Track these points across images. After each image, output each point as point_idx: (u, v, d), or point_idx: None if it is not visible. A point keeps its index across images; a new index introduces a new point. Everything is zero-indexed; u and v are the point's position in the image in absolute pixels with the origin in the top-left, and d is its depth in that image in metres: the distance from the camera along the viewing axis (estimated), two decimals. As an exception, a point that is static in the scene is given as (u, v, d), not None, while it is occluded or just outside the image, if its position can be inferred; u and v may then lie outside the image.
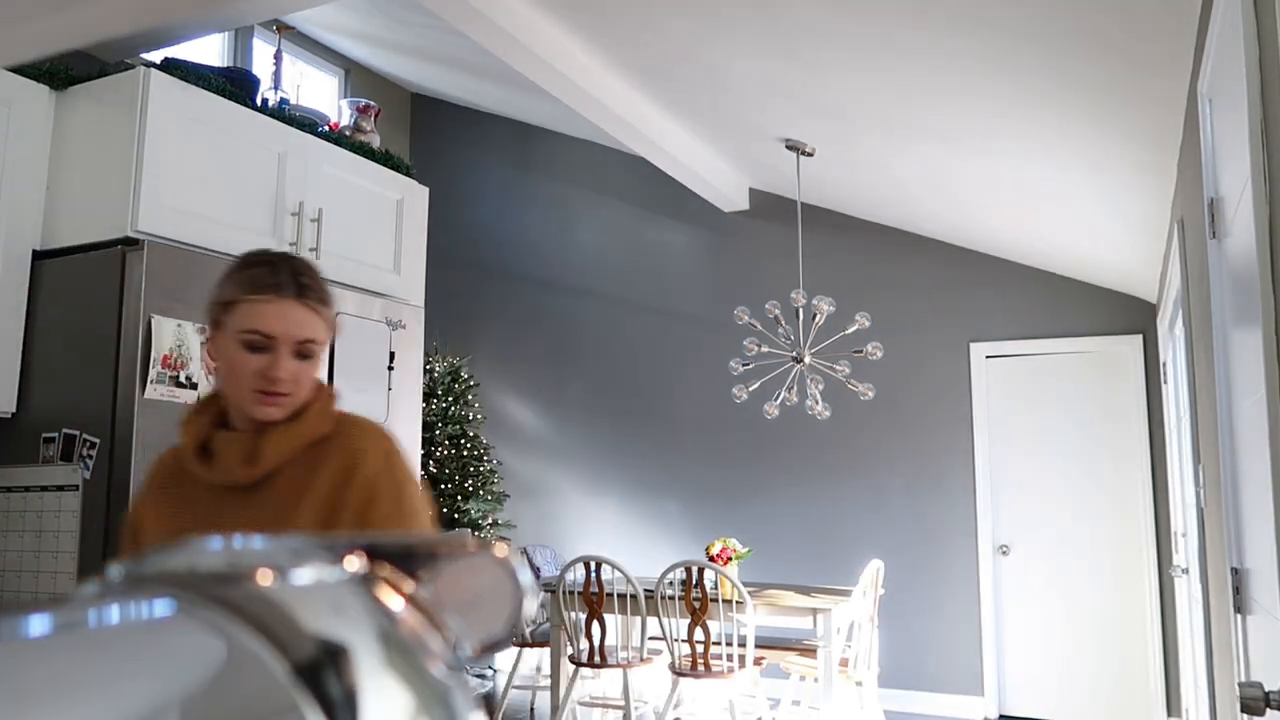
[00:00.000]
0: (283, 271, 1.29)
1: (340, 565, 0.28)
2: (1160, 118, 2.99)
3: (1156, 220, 3.95)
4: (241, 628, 0.22)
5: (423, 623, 0.27)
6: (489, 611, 0.36)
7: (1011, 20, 2.74)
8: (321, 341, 1.31)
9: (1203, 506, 2.84)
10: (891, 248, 5.73)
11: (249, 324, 1.26)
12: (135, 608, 0.22)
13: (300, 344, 1.28)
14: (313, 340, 1.30)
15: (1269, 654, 1.61)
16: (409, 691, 0.24)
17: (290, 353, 1.28)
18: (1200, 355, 2.63)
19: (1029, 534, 5.39)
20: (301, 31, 5.40)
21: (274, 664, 0.22)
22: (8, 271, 2.51)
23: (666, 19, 3.45)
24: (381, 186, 3.29)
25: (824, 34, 3.23)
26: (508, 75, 4.72)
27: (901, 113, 3.79)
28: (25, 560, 2.42)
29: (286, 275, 1.28)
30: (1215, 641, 2.73)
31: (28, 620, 0.20)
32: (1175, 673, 4.99)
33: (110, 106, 2.57)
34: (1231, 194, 1.78)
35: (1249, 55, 1.46)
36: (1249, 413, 1.66)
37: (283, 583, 0.25)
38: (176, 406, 2.42)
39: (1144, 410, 5.22)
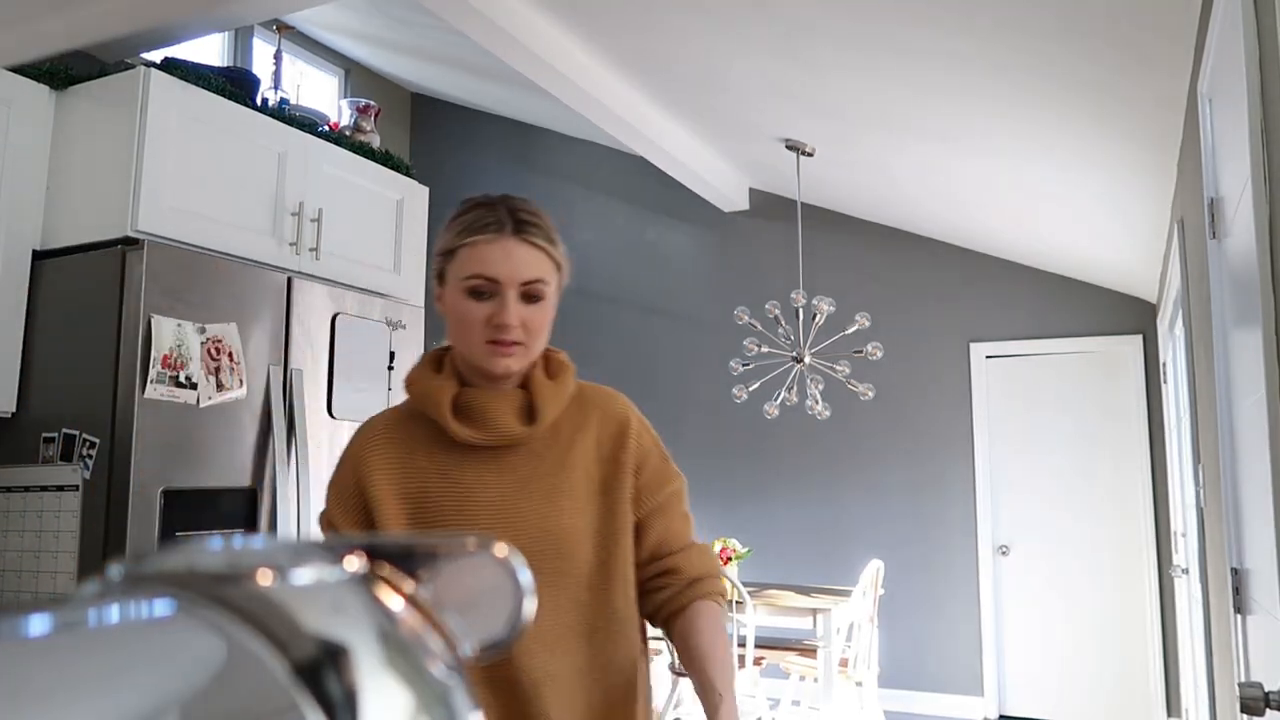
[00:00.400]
0: (500, 210, 1.21)
1: (340, 565, 0.28)
2: (1160, 118, 2.99)
3: (1156, 220, 3.95)
4: (241, 627, 0.22)
5: (423, 623, 0.27)
6: (489, 611, 0.35)
7: (1012, 20, 2.74)
8: (549, 281, 1.21)
9: (1203, 506, 2.84)
10: (891, 248, 5.73)
11: (470, 269, 1.18)
12: (135, 607, 0.22)
13: (527, 285, 1.19)
14: (539, 280, 1.20)
15: (1269, 654, 1.61)
16: (409, 691, 0.24)
17: (517, 296, 1.19)
18: (1200, 355, 2.63)
19: (1029, 534, 5.39)
20: (301, 31, 5.40)
21: (274, 664, 0.22)
22: (8, 271, 2.51)
23: (666, 18, 3.45)
24: (381, 186, 3.29)
25: (824, 33, 3.23)
26: (508, 75, 4.71)
27: (901, 112, 3.79)
28: (25, 560, 2.42)
29: (504, 213, 1.20)
30: (1215, 641, 2.73)
31: (27, 620, 0.20)
32: (1175, 673, 4.99)
33: (110, 106, 2.57)
34: (1231, 194, 1.78)
35: (1249, 55, 1.46)
36: (1249, 413, 1.66)
37: (283, 582, 0.25)
38: (176, 406, 2.42)
39: (1144, 410, 5.22)
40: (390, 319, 3.14)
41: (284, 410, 2.70)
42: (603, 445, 1.26)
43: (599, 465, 1.25)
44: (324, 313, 2.88)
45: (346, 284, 3.07)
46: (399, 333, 3.17)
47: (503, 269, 1.18)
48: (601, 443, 1.26)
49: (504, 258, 1.18)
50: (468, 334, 1.20)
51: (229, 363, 2.55)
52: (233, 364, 2.56)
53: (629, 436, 1.28)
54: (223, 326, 2.55)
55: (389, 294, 3.25)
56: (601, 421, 1.28)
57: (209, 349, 2.51)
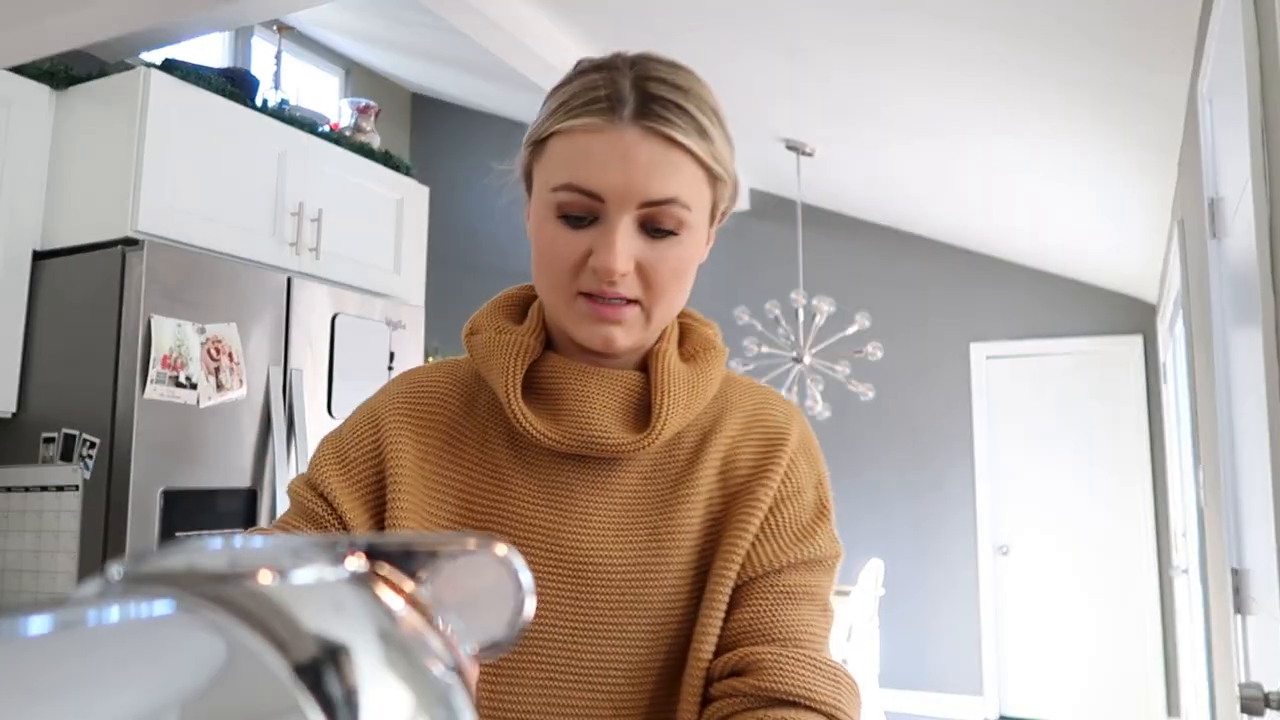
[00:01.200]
0: (621, 75, 0.73)
1: (341, 565, 0.28)
2: (1160, 118, 2.99)
3: (1156, 220, 3.95)
4: (241, 627, 0.22)
5: (423, 622, 0.27)
6: (490, 611, 0.35)
7: (1012, 20, 2.74)
8: (694, 203, 0.74)
9: (1203, 506, 2.84)
10: (891, 248, 5.73)
11: (560, 173, 0.73)
12: (135, 607, 0.22)
13: (652, 208, 0.72)
14: (673, 200, 0.72)
15: (1269, 654, 1.61)
16: (409, 691, 0.24)
17: (634, 224, 0.72)
18: (1200, 355, 2.63)
19: (1029, 534, 5.39)
20: (301, 31, 5.40)
21: (274, 664, 0.22)
22: (8, 271, 2.51)
23: (666, 18, 3.45)
24: (381, 186, 3.29)
25: (824, 34, 3.23)
26: (508, 75, 4.71)
27: (902, 113, 3.79)
28: (25, 560, 2.42)
29: (627, 82, 0.72)
30: (1215, 641, 2.73)
31: (27, 620, 0.20)
32: (1175, 673, 4.99)
33: (110, 106, 2.57)
34: (1231, 194, 1.78)
35: (1249, 55, 1.46)
36: (1249, 413, 1.66)
37: (283, 582, 0.25)
38: (176, 407, 2.42)
39: (1144, 410, 5.22)
40: (390, 319, 3.14)
41: (284, 410, 2.70)
42: (738, 466, 0.81)
43: (724, 498, 0.80)
44: (324, 313, 2.88)
45: (346, 284, 3.07)
46: (399, 333, 3.17)
47: (611, 178, 0.71)
48: (737, 461, 0.81)
49: (615, 159, 0.71)
50: (551, 278, 0.76)
51: (229, 363, 2.55)
52: (233, 364, 2.56)
53: (780, 457, 0.82)
54: (223, 327, 2.55)
55: (389, 294, 3.25)
56: (745, 430, 0.83)
57: (209, 349, 2.51)
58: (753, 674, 0.73)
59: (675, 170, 0.72)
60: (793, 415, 0.87)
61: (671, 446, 0.81)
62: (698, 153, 0.72)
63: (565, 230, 0.73)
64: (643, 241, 0.73)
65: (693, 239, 0.75)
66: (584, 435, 0.76)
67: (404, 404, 0.83)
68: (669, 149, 0.71)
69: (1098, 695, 5.16)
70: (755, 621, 0.75)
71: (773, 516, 0.79)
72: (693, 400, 0.80)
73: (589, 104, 0.72)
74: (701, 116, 0.73)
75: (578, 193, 0.72)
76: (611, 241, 0.71)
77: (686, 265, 0.76)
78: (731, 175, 0.78)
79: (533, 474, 0.79)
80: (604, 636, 0.75)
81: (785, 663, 0.73)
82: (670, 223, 0.73)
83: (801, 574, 0.79)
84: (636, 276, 0.74)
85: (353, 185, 3.16)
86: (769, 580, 0.77)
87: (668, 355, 0.81)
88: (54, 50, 2.63)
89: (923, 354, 5.63)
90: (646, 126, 0.71)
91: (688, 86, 0.74)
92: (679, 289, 0.77)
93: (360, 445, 0.81)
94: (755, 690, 0.72)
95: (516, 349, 0.79)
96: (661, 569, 0.76)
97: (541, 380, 0.80)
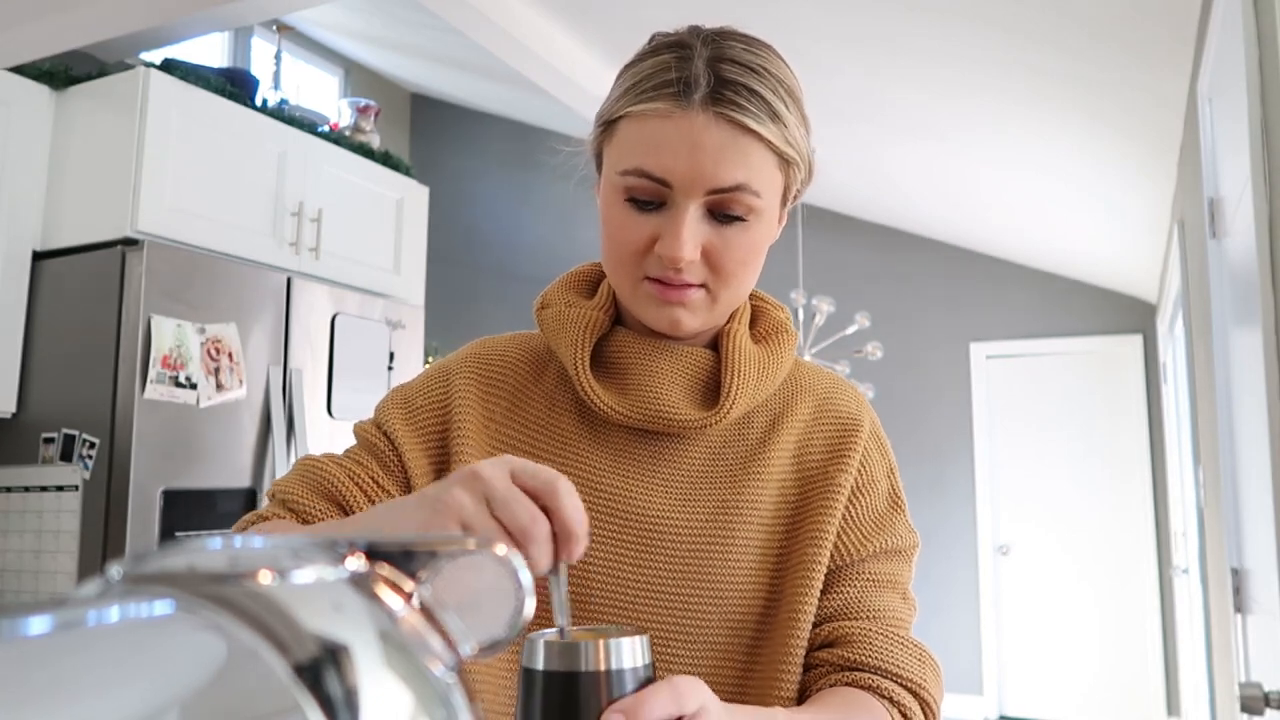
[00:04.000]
0: (694, 56, 0.71)
1: (340, 565, 0.28)
2: (1160, 118, 2.99)
3: (1156, 220, 3.95)
4: (242, 627, 0.22)
5: (423, 623, 0.27)
6: (489, 611, 0.35)
7: (1012, 20, 2.74)
8: (764, 189, 0.72)
9: (1203, 506, 2.84)
10: (891, 248, 5.73)
11: (630, 158, 0.72)
12: (135, 607, 0.22)
13: (721, 195, 0.71)
14: (743, 187, 0.71)
15: (1269, 654, 1.61)
16: (409, 691, 0.24)
17: (701, 211, 0.72)
18: (1200, 355, 2.63)
19: (1029, 534, 5.39)
20: (301, 31, 5.40)
21: (274, 663, 0.22)
22: (8, 271, 2.51)
23: (666, 18, 3.45)
24: (381, 186, 3.29)
25: (824, 33, 3.23)
26: (508, 75, 4.71)
27: (902, 113, 3.79)
28: (25, 560, 2.42)
29: (700, 64, 0.70)
30: (1215, 641, 2.73)
31: (27, 620, 0.20)
32: (1175, 673, 4.99)
33: (110, 106, 2.57)
34: (1231, 194, 1.78)
35: (1249, 55, 1.46)
36: (1249, 413, 1.66)
37: (283, 582, 0.25)
38: (176, 406, 2.42)
39: (1144, 410, 5.22)
40: (390, 319, 3.14)
41: (284, 410, 2.70)
42: (811, 451, 0.82)
43: (798, 481, 0.81)
44: (324, 313, 2.88)
45: (346, 284, 3.07)
46: (399, 333, 3.17)
47: (679, 165, 0.70)
48: (810, 447, 0.82)
49: (684, 145, 0.70)
50: (617, 261, 0.76)
51: (229, 363, 2.55)
52: (232, 364, 2.56)
53: (854, 446, 0.82)
54: (222, 327, 2.55)
55: (389, 294, 3.25)
56: (817, 416, 0.83)
57: (209, 349, 2.51)
58: (841, 646, 0.75)
59: (745, 157, 0.70)
60: (863, 404, 0.87)
61: (741, 426, 0.81)
62: (769, 138, 0.71)
63: (633, 214, 0.73)
64: (710, 227, 0.73)
65: (761, 224, 0.74)
66: (651, 410, 0.77)
67: (475, 364, 0.84)
68: (739, 135, 0.70)
69: (1098, 695, 5.16)
70: (844, 608, 0.77)
71: (851, 506, 0.80)
72: (763, 381, 0.81)
73: (660, 86, 0.71)
74: (775, 99, 0.71)
75: (646, 178, 0.71)
76: (678, 230, 0.71)
77: (755, 250, 0.75)
78: (805, 157, 0.77)
79: (600, 442, 0.79)
80: (665, 606, 0.75)
81: (874, 637, 0.75)
82: (739, 209, 0.72)
83: (883, 563, 0.80)
84: (703, 262, 0.73)
85: (352, 185, 3.16)
86: (853, 569, 0.79)
87: (739, 335, 0.81)
88: (54, 50, 2.63)
89: (922, 353, 5.63)
90: (717, 112, 0.69)
91: (762, 67, 0.72)
92: (747, 273, 0.76)
93: (429, 396, 0.82)
94: (843, 661, 0.74)
95: (586, 323, 0.80)
96: (728, 542, 0.77)
97: (610, 355, 0.80)
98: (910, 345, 5.64)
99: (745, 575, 0.77)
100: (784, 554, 0.78)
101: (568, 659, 0.52)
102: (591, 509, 0.74)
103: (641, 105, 0.71)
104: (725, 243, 0.73)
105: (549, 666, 0.52)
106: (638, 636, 0.53)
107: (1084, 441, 5.33)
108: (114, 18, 2.63)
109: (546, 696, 0.52)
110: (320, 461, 0.80)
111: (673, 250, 0.71)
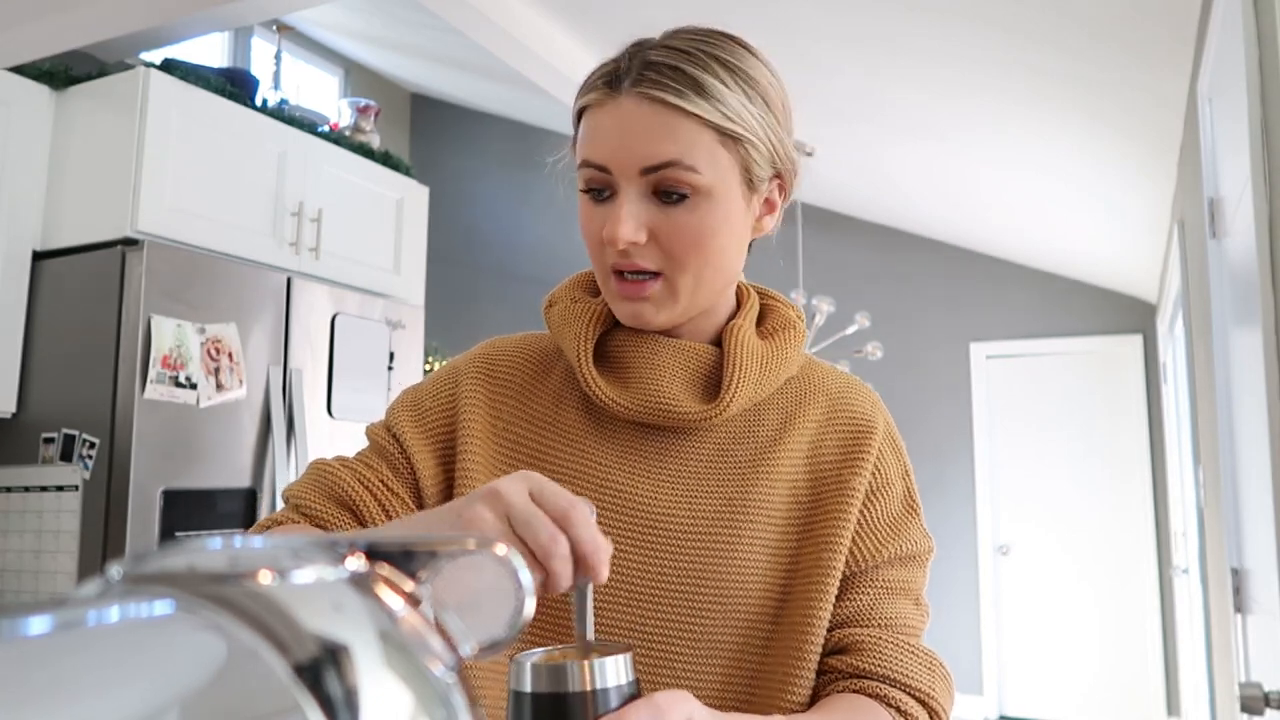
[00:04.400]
0: (633, 56, 0.74)
1: (340, 565, 0.28)
2: (1160, 118, 2.99)
3: (1156, 220, 3.95)
4: (242, 627, 0.22)
5: (423, 623, 0.27)
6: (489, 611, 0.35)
7: (1012, 19, 2.74)
8: (702, 164, 0.71)
9: (1203, 506, 2.84)
10: (891, 248, 5.73)
11: (581, 152, 0.75)
12: (135, 607, 0.22)
13: (654, 173, 0.71)
14: (675, 162, 0.71)
15: (1269, 654, 1.61)
16: (409, 691, 0.24)
17: (640, 191, 0.72)
18: (1200, 355, 2.63)
19: (1029, 534, 5.39)
20: (301, 31, 5.40)
21: (274, 663, 0.22)
22: (8, 271, 2.51)
23: (666, 19, 3.45)
24: (381, 186, 3.29)
25: (824, 34, 3.23)
26: (508, 75, 4.71)
27: (902, 113, 3.79)
28: (25, 560, 2.42)
29: (634, 59, 0.73)
30: (1215, 641, 2.73)
31: (27, 620, 0.20)
32: (1175, 673, 4.99)
33: (110, 106, 2.57)
34: (1231, 194, 1.78)
35: (1249, 55, 1.46)
36: (1249, 413, 1.66)
37: (283, 582, 0.25)
38: (176, 406, 2.42)
39: (1144, 410, 5.22)
40: (390, 319, 3.14)
41: (284, 410, 2.70)
42: (824, 452, 0.81)
43: (810, 483, 0.80)
44: (324, 313, 2.88)
45: (346, 284, 3.07)
46: (399, 333, 3.17)
47: (611, 148, 0.72)
48: (824, 448, 0.81)
49: (614, 129, 0.72)
50: (592, 257, 0.78)
51: (229, 363, 2.55)
52: (232, 364, 2.56)
53: (869, 449, 0.81)
54: (222, 327, 2.55)
55: (389, 294, 3.25)
56: (830, 416, 0.82)
57: (209, 349, 2.51)
58: (851, 653, 0.75)
59: (672, 132, 0.71)
60: (878, 405, 0.86)
61: (751, 423, 0.81)
62: (696, 112, 0.71)
63: (591, 205, 0.76)
64: (656, 209, 0.73)
65: (713, 204, 0.73)
66: (652, 403, 0.77)
67: (483, 363, 0.85)
68: (664, 111, 0.71)
69: (1098, 695, 5.16)
70: (856, 614, 0.77)
71: (866, 510, 0.79)
72: (765, 376, 0.80)
73: (597, 80, 0.74)
74: (705, 75, 0.72)
75: (590, 167, 0.73)
76: (615, 211, 0.72)
77: (708, 231, 0.74)
78: (760, 135, 0.76)
79: (605, 437, 0.80)
80: (671, 604, 0.75)
81: (884, 645, 0.75)
82: (680, 186, 0.72)
83: (897, 569, 0.80)
84: (655, 246, 0.74)
85: (352, 185, 3.16)
86: (867, 576, 0.78)
87: (742, 330, 0.81)
88: (54, 50, 2.63)
89: (922, 353, 5.63)
90: (640, 93, 0.71)
91: (694, 49, 0.73)
92: (703, 257, 0.74)
93: (437, 398, 0.83)
94: (853, 669, 0.74)
95: (589, 316, 0.81)
96: (734, 539, 0.76)
97: (613, 350, 0.81)
98: (910, 345, 5.64)
99: (754, 575, 0.76)
100: (796, 556, 0.78)
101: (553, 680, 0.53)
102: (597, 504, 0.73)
103: (584, 99, 0.75)
104: (672, 224, 0.73)
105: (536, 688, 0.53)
106: (621, 655, 0.54)
107: (1084, 441, 5.33)
108: (114, 18, 2.63)
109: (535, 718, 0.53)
110: (331, 465, 0.81)
111: (611, 230, 0.72)
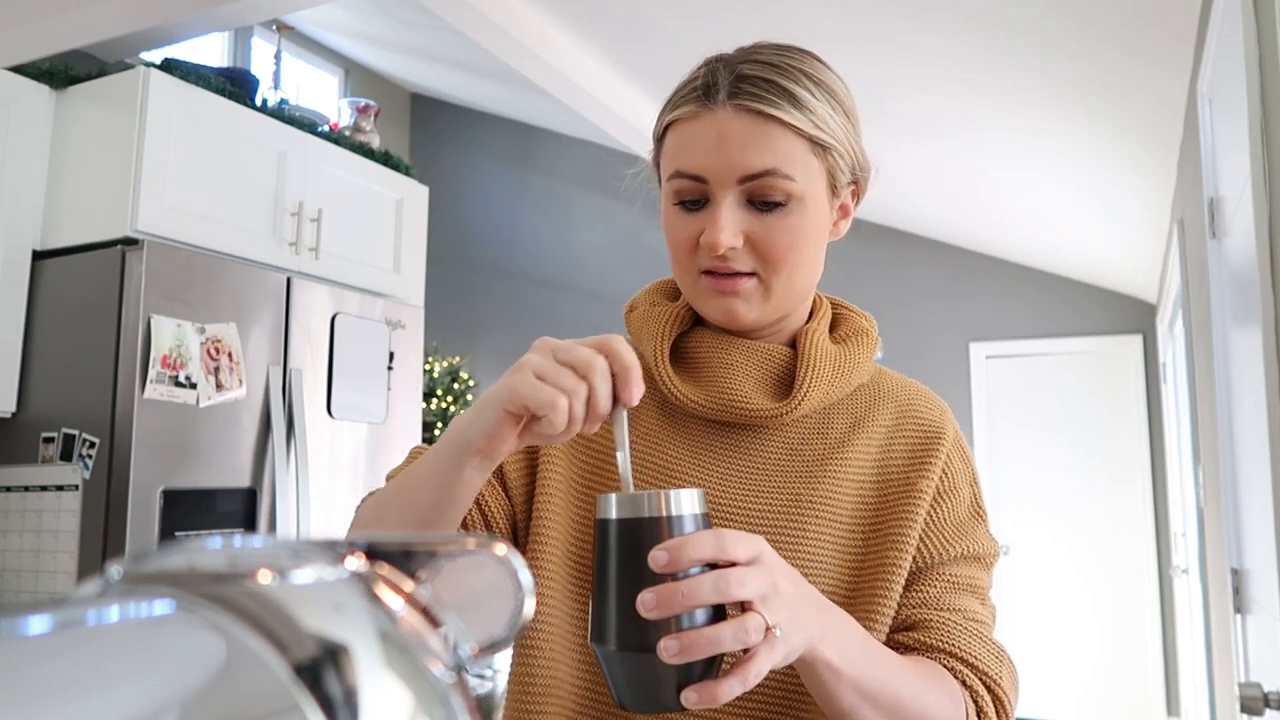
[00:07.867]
0: (717, 65, 0.77)
1: (340, 565, 0.28)
2: (1160, 118, 2.99)
3: (1156, 220, 3.95)
4: (241, 627, 0.22)
5: (423, 622, 0.27)
6: (489, 611, 0.35)
7: (1011, 20, 2.74)
8: (798, 174, 0.75)
9: (1203, 506, 2.84)
10: (891, 247, 5.73)
11: (672, 164, 0.78)
12: (135, 607, 0.22)
13: (752, 181, 0.74)
14: (772, 172, 0.74)
15: (1269, 654, 1.61)
16: (409, 691, 0.24)
17: (738, 200, 0.75)
18: (1200, 355, 2.63)
19: (1029, 534, 5.39)
20: (301, 31, 5.40)
21: (274, 663, 0.22)
22: (8, 271, 2.51)
23: (666, 19, 3.45)
24: (381, 186, 3.29)
25: (823, 34, 3.23)
26: (508, 75, 4.72)
27: (900, 112, 3.79)
28: (25, 560, 2.42)
29: (721, 69, 0.76)
30: (1215, 641, 2.73)
31: (27, 620, 0.20)
32: (1175, 673, 4.99)
33: (110, 106, 2.57)
34: (1231, 194, 1.78)
35: (1249, 55, 1.46)
36: (1249, 413, 1.66)
37: (283, 582, 0.25)
38: (176, 406, 2.42)
39: (1144, 410, 5.22)
40: (390, 319, 3.14)
41: (284, 410, 2.70)
42: (892, 456, 0.83)
43: (878, 484, 0.82)
44: (324, 313, 2.88)
45: (346, 284, 3.07)
46: (399, 333, 3.17)
47: (709, 159, 0.74)
48: (892, 453, 0.84)
49: (711, 140, 0.74)
50: (676, 261, 0.81)
51: (228, 363, 2.55)
52: (232, 364, 2.56)
53: (937, 455, 0.83)
54: (222, 326, 2.55)
55: (389, 294, 3.25)
56: (899, 422, 0.85)
57: (208, 349, 2.51)
58: (920, 629, 0.77)
59: (770, 142, 0.74)
60: (946, 413, 0.89)
61: (821, 425, 0.84)
62: (791, 123, 0.74)
63: (682, 215, 0.78)
64: (752, 216, 0.76)
65: (805, 210, 0.77)
66: (725, 400, 0.80)
67: None
68: (761, 122, 0.74)
69: (1098, 695, 5.16)
70: (923, 603, 0.79)
71: (934, 512, 0.82)
72: (837, 378, 0.83)
73: (688, 94, 0.77)
74: (797, 87, 0.75)
75: (685, 178, 0.76)
76: (715, 219, 0.75)
77: (801, 236, 0.78)
78: (844, 144, 0.80)
79: (678, 433, 0.83)
80: None
81: (955, 625, 0.77)
82: (776, 194, 0.75)
83: (964, 566, 0.82)
84: (750, 251, 0.77)
85: (352, 185, 3.16)
86: (934, 571, 0.80)
87: (817, 333, 0.85)
88: (54, 50, 2.63)
89: (922, 353, 5.63)
90: (737, 105, 0.74)
91: (781, 63, 0.76)
92: (797, 260, 0.78)
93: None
94: (921, 644, 0.77)
95: (667, 319, 0.85)
96: (800, 534, 0.79)
97: (689, 350, 0.85)
98: (910, 345, 5.64)
99: (819, 571, 0.78)
100: (862, 555, 0.80)
101: (633, 507, 0.60)
102: None
103: (674, 113, 0.78)
104: (768, 229, 0.76)
105: (620, 515, 0.60)
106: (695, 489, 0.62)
107: (1084, 442, 5.33)
108: (114, 18, 2.63)
109: (617, 540, 0.60)
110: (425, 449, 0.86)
111: (711, 237, 0.75)
